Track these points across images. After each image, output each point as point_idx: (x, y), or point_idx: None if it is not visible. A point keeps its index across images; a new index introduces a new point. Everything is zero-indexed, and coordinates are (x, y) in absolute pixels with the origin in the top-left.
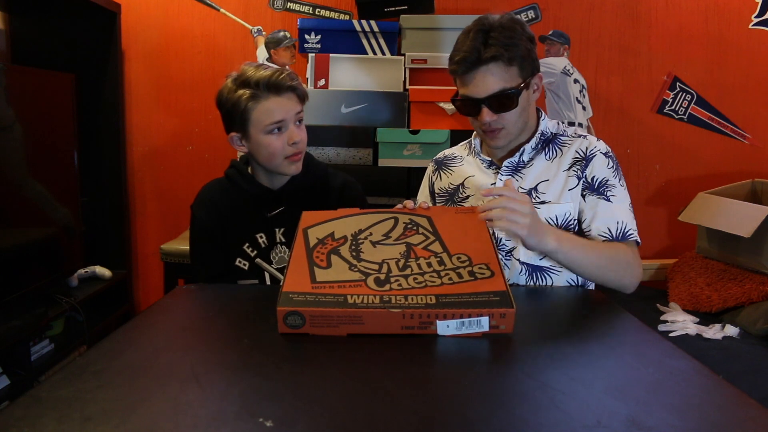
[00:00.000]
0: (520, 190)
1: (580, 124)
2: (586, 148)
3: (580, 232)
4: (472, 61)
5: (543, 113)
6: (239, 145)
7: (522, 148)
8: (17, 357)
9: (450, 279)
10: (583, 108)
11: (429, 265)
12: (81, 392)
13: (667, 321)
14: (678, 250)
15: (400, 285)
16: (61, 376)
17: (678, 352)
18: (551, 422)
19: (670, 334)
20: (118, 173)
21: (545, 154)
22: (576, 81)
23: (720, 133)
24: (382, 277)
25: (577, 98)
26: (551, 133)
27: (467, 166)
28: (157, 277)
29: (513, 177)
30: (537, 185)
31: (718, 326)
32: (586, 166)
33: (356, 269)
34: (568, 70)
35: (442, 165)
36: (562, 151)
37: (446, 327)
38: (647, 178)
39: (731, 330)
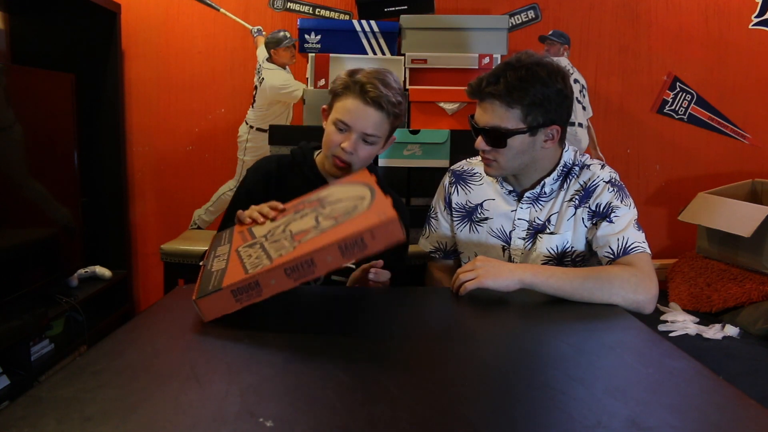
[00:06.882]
0: (537, 221)
1: (580, 124)
2: (589, 178)
3: (591, 260)
4: (473, 90)
5: (567, 145)
6: (324, 117)
7: (543, 182)
8: (17, 357)
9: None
10: (583, 108)
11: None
12: (81, 392)
13: (667, 321)
14: (678, 250)
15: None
16: (61, 376)
17: (678, 353)
18: (551, 422)
19: (670, 334)
20: (118, 173)
21: (565, 187)
22: (576, 81)
23: (720, 133)
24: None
25: (577, 98)
26: (570, 164)
27: (487, 188)
28: (157, 277)
29: (533, 207)
30: (549, 217)
31: (718, 326)
32: (586, 196)
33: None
34: (568, 70)
35: (460, 179)
36: (571, 183)
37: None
38: (647, 178)
39: (731, 330)
